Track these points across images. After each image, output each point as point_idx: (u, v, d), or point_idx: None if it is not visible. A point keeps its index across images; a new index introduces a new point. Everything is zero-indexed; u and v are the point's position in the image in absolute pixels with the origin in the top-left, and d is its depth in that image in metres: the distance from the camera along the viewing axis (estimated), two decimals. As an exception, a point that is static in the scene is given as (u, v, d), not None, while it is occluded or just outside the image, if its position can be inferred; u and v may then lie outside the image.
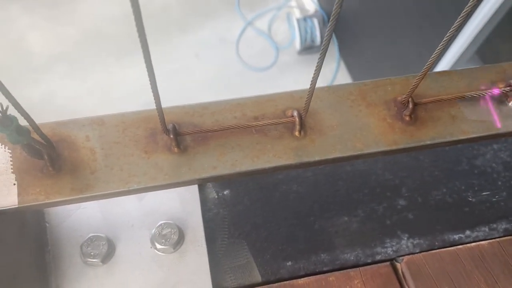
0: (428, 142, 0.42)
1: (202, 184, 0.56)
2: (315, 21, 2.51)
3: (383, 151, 0.42)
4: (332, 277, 0.51)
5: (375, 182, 0.56)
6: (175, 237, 0.50)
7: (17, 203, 0.37)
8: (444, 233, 0.55)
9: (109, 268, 0.49)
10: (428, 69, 0.39)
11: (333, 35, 2.57)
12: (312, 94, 0.38)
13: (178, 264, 0.50)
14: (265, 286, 0.50)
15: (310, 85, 0.37)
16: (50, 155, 0.38)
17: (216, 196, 0.55)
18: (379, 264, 0.53)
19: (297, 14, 2.62)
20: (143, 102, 2.15)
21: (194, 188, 0.54)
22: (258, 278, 0.51)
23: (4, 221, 0.43)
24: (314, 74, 0.36)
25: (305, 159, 0.41)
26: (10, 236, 0.44)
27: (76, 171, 0.39)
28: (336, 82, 2.50)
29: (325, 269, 0.52)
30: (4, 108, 0.32)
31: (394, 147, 0.42)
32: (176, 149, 0.40)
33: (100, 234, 0.50)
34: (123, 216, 0.52)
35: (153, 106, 0.36)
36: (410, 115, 0.43)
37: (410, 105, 0.42)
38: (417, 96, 0.43)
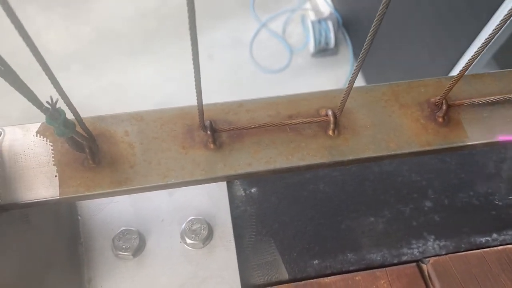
0: (461, 144, 0.42)
1: (230, 182, 0.57)
2: (330, 24, 2.51)
3: (416, 152, 0.42)
4: (358, 276, 0.52)
5: (401, 183, 0.57)
6: (204, 233, 0.50)
7: (58, 195, 0.38)
8: (470, 236, 0.55)
9: (140, 261, 0.50)
10: (464, 72, 0.39)
11: (347, 38, 2.57)
12: (348, 94, 0.39)
13: (207, 259, 0.51)
14: (292, 283, 0.51)
15: (348, 84, 0.38)
16: (91, 148, 0.39)
17: (244, 194, 0.56)
18: (405, 265, 0.53)
19: (311, 16, 2.62)
20: (157, 101, 2.17)
21: (223, 184, 0.55)
22: (285, 275, 0.52)
23: (43, 212, 0.45)
24: (352, 74, 0.36)
25: (339, 158, 0.41)
26: (48, 227, 0.45)
27: (115, 164, 0.40)
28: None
29: (351, 268, 0.53)
30: (54, 101, 0.33)
31: (427, 148, 0.42)
32: (212, 146, 0.41)
33: (132, 228, 0.50)
34: (153, 211, 0.53)
35: (166, 105, 0.37)
36: (443, 117, 0.43)
37: (444, 107, 0.43)
38: (450, 98, 0.43)
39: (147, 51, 2.40)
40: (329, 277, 0.52)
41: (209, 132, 0.40)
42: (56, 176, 0.39)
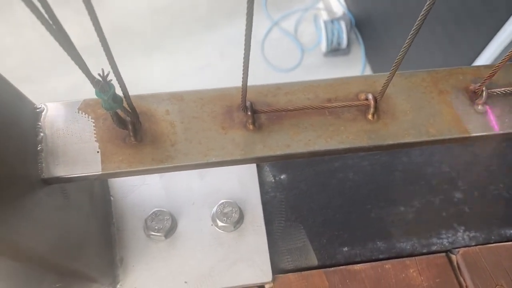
0: (501, 132, 0.42)
1: (260, 167, 0.57)
2: (343, 24, 2.50)
3: (456, 138, 0.42)
4: (388, 264, 0.52)
5: (431, 174, 0.57)
6: (236, 216, 0.51)
7: (100, 170, 0.39)
8: (501, 228, 0.55)
9: (171, 242, 0.51)
10: (506, 60, 0.39)
11: (360, 39, 2.56)
12: (391, 80, 0.39)
13: (238, 242, 0.51)
14: (322, 270, 0.51)
15: (392, 68, 0.38)
16: (134, 125, 0.39)
17: (273, 180, 0.56)
18: (435, 255, 0.53)
19: (324, 16, 2.61)
20: None
21: (253, 169, 0.55)
22: (314, 261, 0.52)
23: (80, 190, 0.45)
24: (398, 57, 0.36)
25: (378, 142, 0.41)
26: (84, 205, 0.45)
27: (156, 142, 0.40)
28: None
29: (381, 256, 0.53)
30: (105, 74, 0.33)
31: (466, 135, 0.42)
32: (251, 126, 0.41)
33: (164, 209, 0.51)
34: (184, 194, 0.53)
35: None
36: (483, 104, 0.43)
37: (484, 94, 0.42)
38: (489, 86, 0.43)
39: (159, 48, 2.41)
40: (358, 265, 0.52)
41: (249, 113, 0.41)
42: (98, 152, 0.40)
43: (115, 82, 0.35)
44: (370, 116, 0.42)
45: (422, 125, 0.42)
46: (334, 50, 2.56)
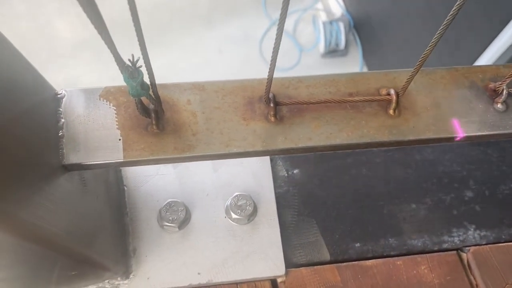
0: (520, 130, 0.43)
1: (273, 162, 0.57)
2: (341, 25, 2.51)
3: (476, 136, 0.42)
4: (399, 261, 0.52)
5: (443, 172, 0.57)
6: (250, 209, 0.51)
7: (122, 158, 0.39)
8: (511, 228, 0.55)
9: (185, 234, 0.50)
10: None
11: (358, 40, 2.57)
12: (415, 74, 0.39)
13: (251, 235, 0.51)
14: (334, 265, 0.51)
15: (417, 63, 0.38)
16: (157, 113, 0.39)
17: (286, 175, 0.56)
18: (446, 252, 0.53)
19: (323, 17, 2.61)
20: None
21: (267, 163, 0.55)
22: (327, 256, 0.52)
23: (96, 178, 0.45)
24: (424, 53, 0.37)
25: (399, 137, 0.42)
26: (100, 193, 0.45)
27: (178, 131, 0.40)
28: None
29: (392, 253, 0.53)
30: (135, 60, 0.33)
31: (485, 133, 0.42)
32: (273, 118, 0.41)
33: (178, 200, 0.51)
34: (198, 185, 0.53)
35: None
36: (502, 103, 0.43)
37: (505, 92, 0.43)
38: (509, 85, 0.43)
39: (158, 43, 2.40)
40: (370, 260, 0.52)
41: (271, 105, 0.41)
42: (120, 139, 0.39)
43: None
44: (391, 111, 0.42)
45: (442, 121, 0.42)
46: (332, 51, 2.57)
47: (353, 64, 2.62)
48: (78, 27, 2.45)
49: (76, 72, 2.32)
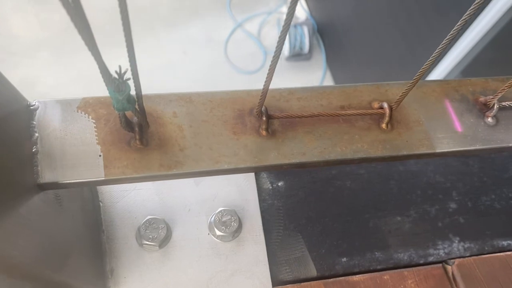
0: (511, 145, 0.42)
1: (257, 173, 0.55)
2: (305, 29, 2.52)
3: (469, 150, 0.42)
4: (386, 275, 0.51)
5: (426, 184, 0.57)
6: (235, 225, 0.48)
7: (103, 176, 0.36)
8: (493, 239, 0.55)
9: (166, 253, 0.48)
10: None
11: (321, 45, 2.59)
12: (412, 88, 0.38)
13: (236, 253, 0.49)
14: (321, 281, 0.50)
15: (414, 78, 0.37)
16: (142, 127, 0.36)
17: (271, 187, 0.54)
18: (432, 266, 0.53)
19: (287, 20, 2.62)
20: None
21: (251, 175, 0.53)
22: (313, 272, 0.50)
23: (72, 195, 0.41)
24: (422, 68, 0.36)
25: (393, 152, 0.40)
26: (76, 211, 0.42)
27: (164, 146, 0.37)
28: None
29: (379, 267, 0.52)
30: (123, 72, 0.30)
31: (478, 147, 0.42)
32: (264, 132, 0.39)
33: (159, 217, 0.48)
34: (179, 200, 0.50)
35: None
36: (493, 117, 0.43)
37: (495, 107, 0.42)
38: (501, 99, 0.43)
39: (120, 43, 2.32)
40: (357, 275, 0.51)
41: (264, 118, 0.39)
42: (100, 155, 0.36)
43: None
44: (384, 125, 0.41)
45: (436, 136, 0.42)
46: (296, 55, 2.58)
47: (317, 67, 2.64)
48: (35, 26, 2.35)
49: (33, 73, 2.22)
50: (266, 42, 2.68)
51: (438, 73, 1.59)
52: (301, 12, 2.66)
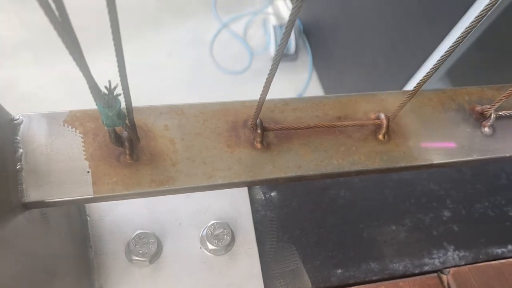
0: (508, 155, 0.42)
1: (249, 184, 0.54)
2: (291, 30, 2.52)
3: (465, 161, 0.41)
4: (382, 286, 0.50)
5: (421, 192, 0.56)
6: (228, 238, 0.47)
7: (92, 193, 0.34)
8: (488, 247, 0.55)
9: (156, 268, 0.46)
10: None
11: (307, 46, 2.59)
12: (410, 99, 0.37)
13: (229, 267, 0.47)
14: (316, 293, 0.49)
15: (414, 88, 0.36)
16: (132, 142, 0.35)
17: (264, 198, 0.53)
18: (427, 275, 0.52)
19: (273, 21, 2.62)
20: None
21: (243, 187, 0.52)
22: (308, 284, 0.49)
23: (58, 211, 0.40)
24: (423, 77, 0.35)
25: (391, 164, 0.40)
26: (62, 228, 0.40)
27: (155, 161, 0.36)
28: (308, 92, 2.52)
29: (374, 278, 0.51)
30: (113, 87, 0.29)
31: (475, 157, 0.41)
32: (259, 145, 0.38)
33: (149, 232, 0.46)
34: (170, 214, 0.49)
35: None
36: (490, 126, 0.43)
37: (492, 116, 0.42)
38: (498, 108, 0.43)
39: (104, 45, 2.29)
40: (353, 287, 0.50)
41: (259, 131, 0.37)
42: (88, 172, 0.35)
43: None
44: (381, 137, 0.40)
45: (434, 147, 0.41)
46: (283, 56, 2.56)
47: (303, 69, 2.64)
48: (16, 26, 2.30)
49: (15, 74, 2.17)
50: (252, 43, 2.67)
51: (423, 73, 1.59)
52: (287, 12, 2.66)
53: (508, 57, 1.52)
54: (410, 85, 1.61)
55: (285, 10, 2.71)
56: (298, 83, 2.60)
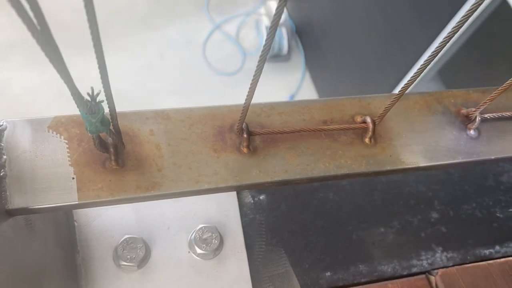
0: (493, 157, 0.42)
1: (238, 188, 0.54)
2: (284, 31, 2.52)
3: (451, 164, 0.41)
4: (371, 288, 0.51)
5: (409, 194, 0.56)
6: (216, 242, 0.47)
7: (77, 200, 0.34)
8: (475, 248, 0.55)
9: (145, 273, 0.46)
10: (506, 88, 0.39)
11: (300, 46, 2.59)
12: (396, 102, 0.37)
13: (218, 271, 0.47)
14: (305, 296, 0.49)
15: (399, 91, 0.36)
16: (117, 148, 0.35)
17: (252, 201, 0.53)
18: (415, 277, 0.52)
19: (265, 21, 2.62)
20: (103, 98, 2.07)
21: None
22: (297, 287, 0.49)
23: (45, 217, 0.39)
24: (408, 81, 0.35)
25: (377, 168, 0.40)
26: (49, 234, 0.40)
27: (141, 167, 0.36)
28: (301, 92, 2.52)
29: (363, 280, 0.51)
30: (95, 94, 0.28)
31: (461, 160, 0.42)
32: (245, 150, 0.38)
33: (137, 236, 0.46)
34: (158, 218, 0.49)
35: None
36: (475, 129, 0.43)
37: (477, 119, 0.42)
38: (483, 111, 0.43)
39: (91, 46, 2.28)
40: (342, 290, 0.50)
41: (245, 135, 0.37)
42: (73, 178, 0.34)
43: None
44: (367, 140, 0.41)
45: (420, 150, 0.41)
46: (275, 56, 2.58)
47: (295, 69, 2.64)
48: (7, 27, 2.28)
49: (6, 76, 2.16)
50: (245, 44, 2.67)
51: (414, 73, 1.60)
52: (280, 13, 2.65)
53: (497, 56, 1.53)
54: (402, 86, 1.62)
55: (277, 10, 2.70)
56: (291, 83, 2.60)
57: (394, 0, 1.61)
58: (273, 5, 2.66)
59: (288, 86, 2.58)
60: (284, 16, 2.65)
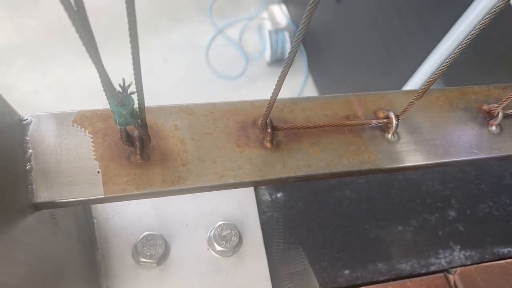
0: (515, 153, 0.42)
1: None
2: (286, 35, 2.53)
3: (474, 160, 0.41)
4: (389, 286, 0.50)
5: (426, 192, 0.56)
6: (235, 239, 0.47)
7: (103, 194, 0.34)
8: (493, 246, 0.55)
9: (164, 270, 0.46)
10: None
11: (303, 50, 2.60)
12: (420, 98, 0.37)
13: (237, 268, 0.47)
14: (324, 294, 0.49)
15: (423, 87, 0.36)
16: (143, 141, 0.35)
17: (270, 199, 0.53)
18: (434, 275, 0.52)
19: (268, 25, 2.62)
20: (105, 102, 2.07)
21: (250, 188, 0.52)
22: (316, 286, 0.49)
23: (67, 213, 0.39)
24: (432, 78, 0.35)
25: (402, 164, 0.40)
26: (72, 229, 0.40)
27: (166, 161, 0.36)
28: (303, 95, 2.52)
29: (381, 278, 0.51)
30: (127, 85, 0.28)
31: (483, 156, 0.41)
32: (269, 145, 0.38)
33: (156, 233, 0.46)
34: (177, 215, 0.48)
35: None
36: (497, 125, 0.43)
37: (500, 115, 0.42)
38: (505, 107, 0.43)
39: (109, 44, 2.29)
40: (360, 288, 0.50)
41: (269, 130, 0.37)
42: (99, 172, 0.34)
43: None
44: (390, 136, 0.40)
45: (442, 145, 0.41)
46: (278, 60, 2.58)
47: (298, 73, 2.64)
48: (10, 31, 2.28)
49: (9, 80, 2.16)
50: (248, 48, 2.67)
51: (417, 79, 1.60)
52: (282, 17, 2.67)
53: (497, 57, 1.53)
54: (406, 89, 1.62)
55: (280, 15, 2.72)
56: (293, 87, 2.60)
57: (397, 5, 1.61)
58: (276, 9, 2.67)
59: (291, 89, 2.58)
60: (286, 20, 2.65)
